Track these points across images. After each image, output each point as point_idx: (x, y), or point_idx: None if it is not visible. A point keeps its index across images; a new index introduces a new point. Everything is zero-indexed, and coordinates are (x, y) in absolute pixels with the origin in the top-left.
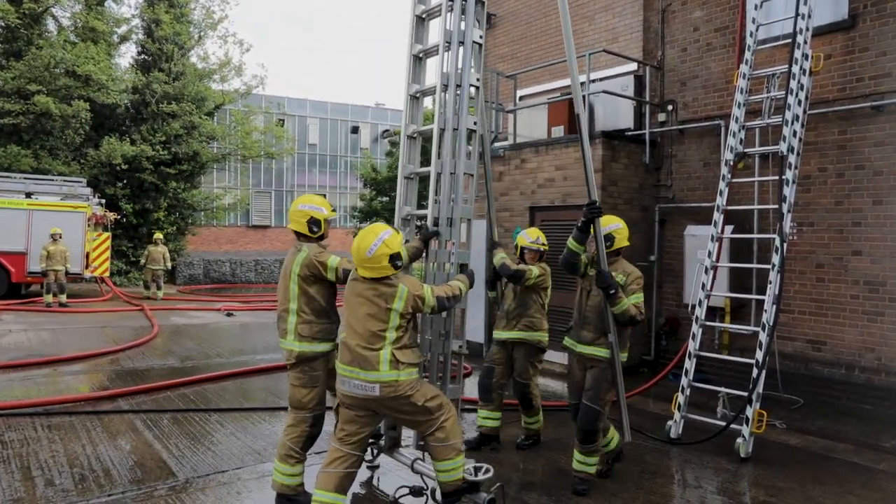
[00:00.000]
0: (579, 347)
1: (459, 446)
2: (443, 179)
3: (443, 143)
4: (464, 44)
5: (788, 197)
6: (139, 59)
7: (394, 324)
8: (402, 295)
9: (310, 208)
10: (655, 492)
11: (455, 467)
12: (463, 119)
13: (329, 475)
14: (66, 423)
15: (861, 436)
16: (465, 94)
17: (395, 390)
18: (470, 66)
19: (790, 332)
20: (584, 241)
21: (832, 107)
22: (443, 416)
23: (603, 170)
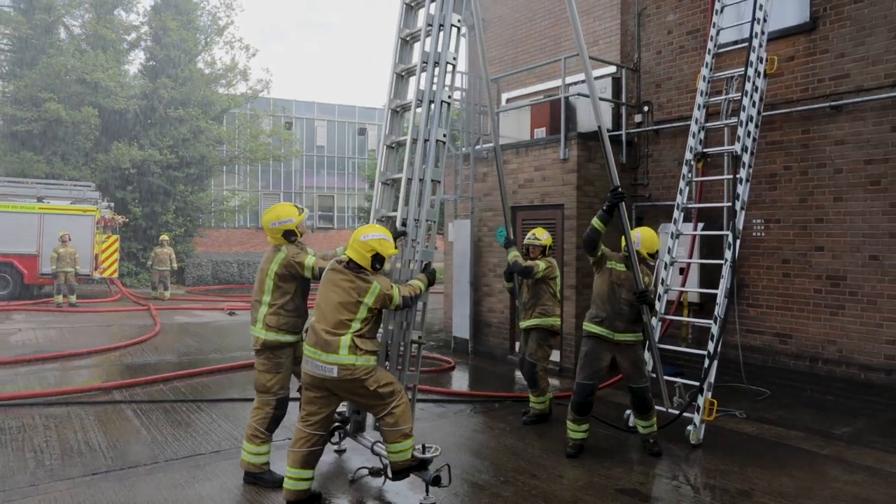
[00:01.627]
0: (617, 336)
1: (408, 431)
2: (413, 185)
3: (415, 152)
4: (439, 64)
5: (742, 195)
6: (148, 65)
7: (361, 315)
8: (375, 291)
9: (280, 224)
10: (601, 473)
11: (403, 450)
12: (434, 131)
13: (296, 453)
14: (63, 413)
15: (816, 424)
16: (437, 109)
17: (352, 374)
18: (444, 84)
19: (759, 325)
20: (607, 222)
21: (796, 107)
22: (394, 402)
23: (578, 170)
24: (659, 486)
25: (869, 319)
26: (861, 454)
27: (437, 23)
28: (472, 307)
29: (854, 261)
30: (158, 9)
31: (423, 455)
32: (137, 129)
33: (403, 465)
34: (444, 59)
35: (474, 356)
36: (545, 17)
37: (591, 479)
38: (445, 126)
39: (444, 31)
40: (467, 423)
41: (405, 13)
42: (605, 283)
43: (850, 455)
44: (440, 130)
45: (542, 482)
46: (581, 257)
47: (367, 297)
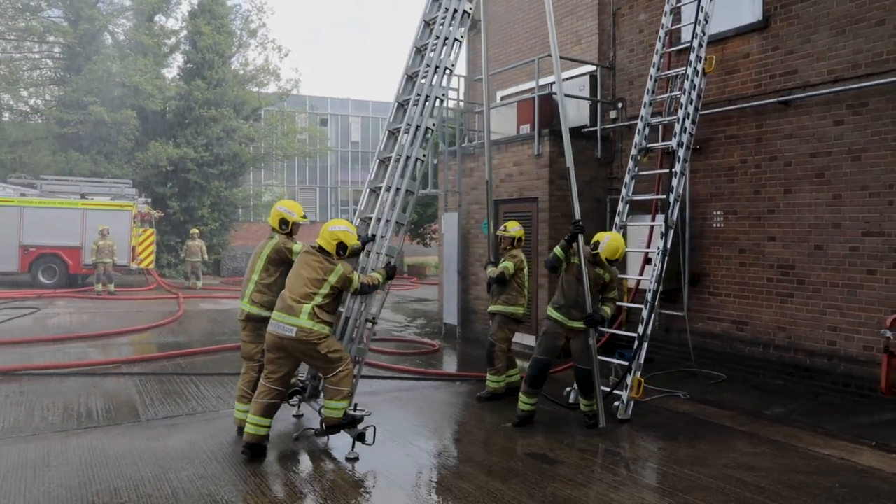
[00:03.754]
0: (571, 323)
1: (346, 394)
2: (391, 192)
3: (398, 166)
4: (428, 98)
5: (676, 188)
6: (185, 67)
7: (324, 291)
8: (338, 273)
9: (284, 210)
10: (520, 441)
11: (337, 408)
12: (414, 150)
13: (258, 404)
14: (74, 382)
15: (752, 405)
16: (420, 134)
17: (308, 336)
18: (430, 115)
19: (718, 313)
20: (566, 251)
21: (750, 102)
22: (340, 367)
23: (551, 165)
24: (566, 452)
25: (814, 307)
26: (777, 431)
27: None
28: (460, 295)
29: (801, 250)
30: (195, 13)
31: (353, 413)
32: (175, 129)
33: (335, 421)
34: (434, 94)
35: (462, 341)
36: (535, 18)
37: (507, 445)
38: (424, 148)
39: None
40: (430, 396)
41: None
42: (570, 276)
43: (766, 431)
44: (420, 150)
45: (465, 446)
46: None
47: (331, 276)
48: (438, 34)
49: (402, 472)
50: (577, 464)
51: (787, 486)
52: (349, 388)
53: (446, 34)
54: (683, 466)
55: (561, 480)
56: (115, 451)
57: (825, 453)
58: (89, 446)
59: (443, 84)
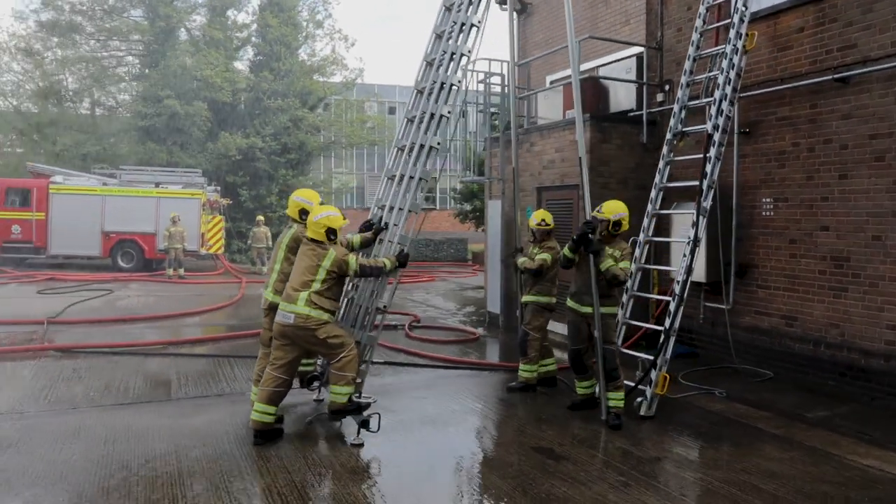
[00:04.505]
0: (583, 309)
1: (350, 379)
2: (405, 179)
3: (412, 154)
4: (444, 86)
5: (710, 174)
6: (255, 60)
7: (320, 277)
8: (331, 257)
9: (302, 201)
10: (532, 434)
11: (343, 392)
12: (428, 138)
13: (264, 391)
14: (122, 360)
15: (793, 407)
16: (434, 122)
17: (305, 322)
18: (444, 102)
19: (766, 307)
20: (575, 252)
21: (803, 80)
22: (342, 352)
23: (591, 151)
24: (576, 448)
25: (871, 302)
26: (814, 436)
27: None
28: (503, 283)
29: (857, 241)
30: (263, 7)
31: (358, 400)
32: (245, 120)
33: (340, 406)
34: (449, 82)
35: (504, 331)
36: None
37: (517, 437)
38: (439, 135)
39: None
40: (458, 385)
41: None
42: (583, 263)
43: (802, 436)
44: (435, 139)
45: (473, 436)
46: None
47: (325, 261)
48: (456, 20)
49: (403, 460)
50: (584, 461)
51: (807, 497)
52: (353, 373)
53: (463, 19)
54: (696, 469)
55: (560, 478)
56: (139, 427)
57: (864, 463)
58: (118, 422)
59: (458, 71)
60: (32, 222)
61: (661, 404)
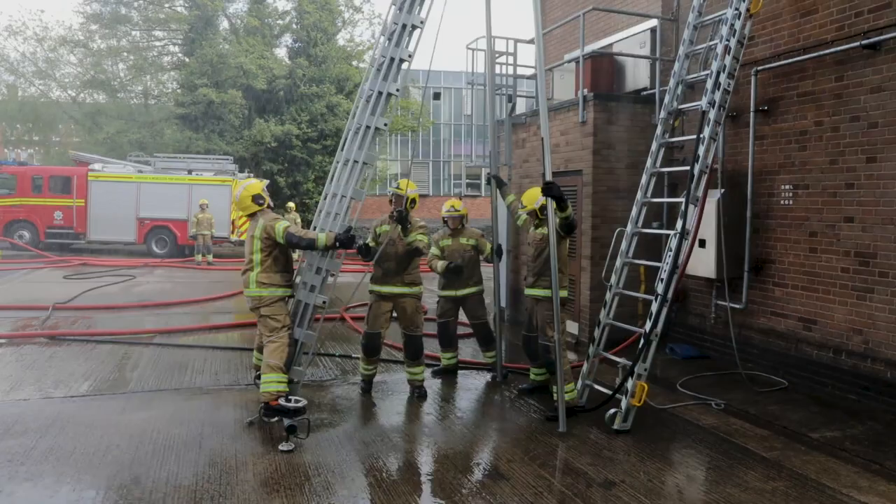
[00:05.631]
0: (527, 290)
1: (274, 366)
2: (349, 165)
3: (356, 137)
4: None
5: (703, 157)
6: (293, 47)
7: (256, 248)
8: (259, 225)
9: (244, 188)
10: (474, 446)
11: (268, 381)
12: (374, 119)
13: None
14: (103, 349)
15: (799, 424)
16: (382, 100)
17: (259, 302)
18: (389, 79)
19: (783, 308)
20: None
21: (828, 49)
22: (273, 337)
23: (596, 133)
24: (523, 466)
25: None
26: (812, 461)
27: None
28: (509, 276)
29: (886, 235)
30: None
31: (285, 404)
32: (282, 107)
33: (266, 397)
34: (398, 56)
35: (509, 325)
36: None
37: (463, 449)
38: (385, 117)
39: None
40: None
41: None
42: (530, 240)
43: (797, 461)
44: (381, 119)
45: (417, 446)
46: (597, 227)
47: (255, 230)
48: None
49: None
50: (525, 483)
51: None
52: (279, 361)
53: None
54: (654, 498)
55: (486, 501)
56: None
57: (860, 501)
58: (59, 414)
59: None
60: (73, 209)
61: (646, 416)
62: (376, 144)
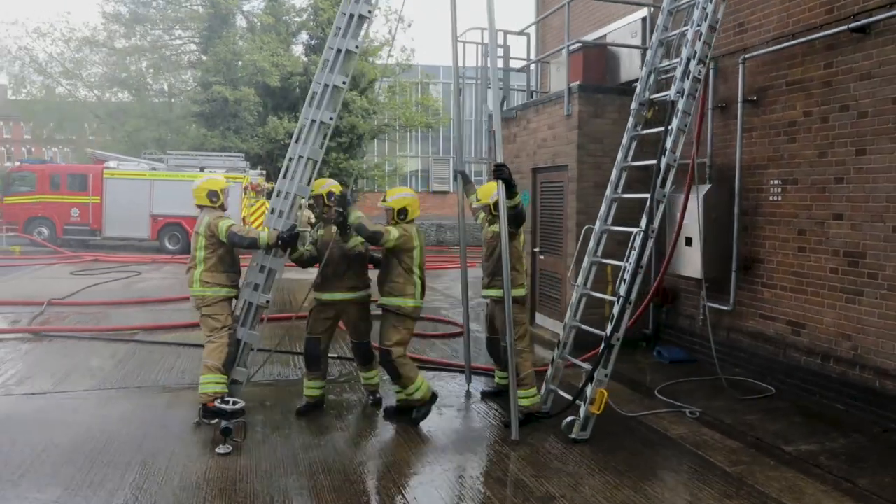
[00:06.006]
0: (482, 291)
1: (210, 366)
2: (294, 161)
3: (303, 132)
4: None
5: (669, 150)
6: (310, 43)
7: (200, 244)
8: (204, 221)
9: (206, 180)
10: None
11: (205, 382)
12: (320, 113)
13: None
14: (89, 345)
15: (775, 436)
16: (328, 93)
17: (202, 302)
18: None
19: (772, 310)
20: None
21: (818, 33)
22: (213, 337)
23: (581, 127)
24: (454, 477)
25: (889, 310)
26: (778, 478)
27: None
28: None
29: (875, 233)
30: None
31: (222, 406)
32: (297, 104)
33: (203, 398)
34: (344, 47)
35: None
36: None
37: (405, 456)
38: (332, 110)
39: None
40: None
41: None
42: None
43: (762, 477)
44: (326, 113)
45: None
46: (583, 223)
47: (200, 227)
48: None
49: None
50: (456, 494)
51: None
52: (217, 362)
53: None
54: None
55: None
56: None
57: None
58: (17, 410)
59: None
60: (89, 206)
61: (611, 424)
62: (324, 139)
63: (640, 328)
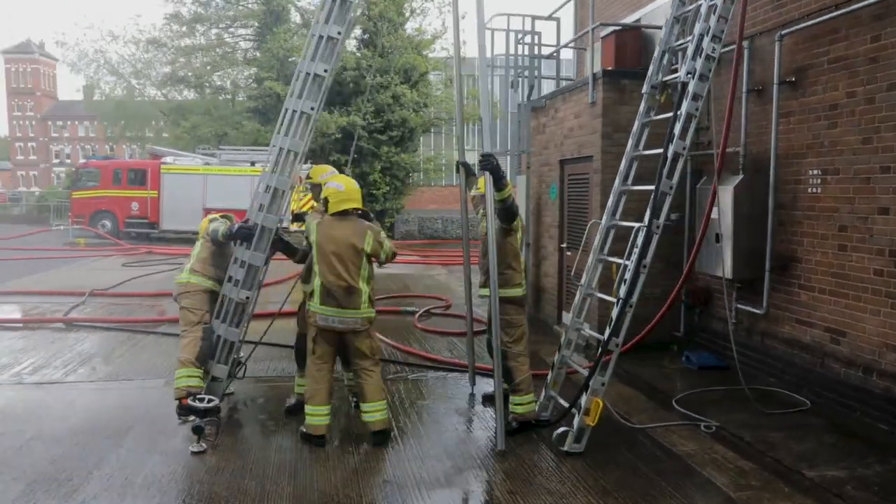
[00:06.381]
0: (480, 291)
1: (184, 360)
2: (274, 153)
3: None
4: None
5: (678, 137)
6: (363, 38)
7: (200, 242)
8: (203, 223)
9: None
10: (378, 460)
11: (178, 376)
12: (301, 103)
13: None
14: (110, 335)
15: (800, 458)
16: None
17: (184, 289)
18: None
19: (809, 315)
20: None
21: (865, 1)
22: (186, 332)
23: (604, 115)
24: (422, 490)
25: None
26: None
27: None
28: (529, 269)
29: None
30: None
31: (195, 404)
32: (350, 98)
33: (178, 394)
34: (327, 33)
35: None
36: None
37: (366, 464)
38: (314, 100)
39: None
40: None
41: None
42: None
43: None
44: (307, 103)
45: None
46: None
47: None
48: None
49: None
50: None
51: None
52: (189, 356)
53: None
54: None
55: None
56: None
57: None
58: (25, 398)
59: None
60: (147, 200)
61: (613, 436)
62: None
63: (670, 330)
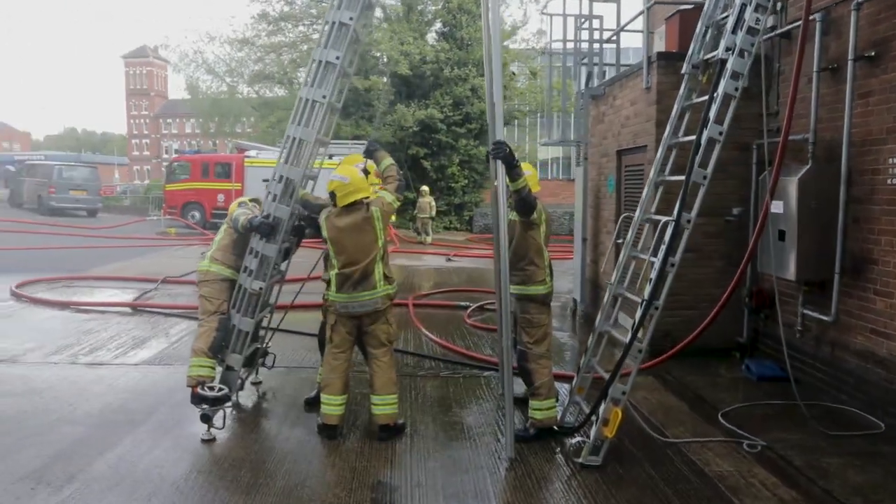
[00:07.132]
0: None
1: (196, 350)
2: (288, 143)
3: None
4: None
5: (712, 121)
6: (442, 31)
7: (224, 227)
8: (231, 210)
9: None
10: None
11: (192, 365)
12: (313, 91)
13: None
14: (161, 321)
15: (853, 492)
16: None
17: (204, 276)
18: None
19: (886, 325)
20: (514, 179)
21: None
22: (204, 319)
23: (659, 101)
24: (414, 498)
25: None
26: None
27: None
28: (583, 265)
29: None
30: None
31: (205, 392)
32: (429, 91)
33: (189, 382)
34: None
35: (582, 321)
36: None
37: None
38: (326, 88)
39: None
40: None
41: None
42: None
43: None
44: (319, 91)
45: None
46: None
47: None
48: None
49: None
50: None
51: None
52: (203, 346)
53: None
54: None
55: None
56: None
57: None
58: (59, 375)
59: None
60: (232, 192)
61: (641, 449)
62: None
63: (733, 336)
